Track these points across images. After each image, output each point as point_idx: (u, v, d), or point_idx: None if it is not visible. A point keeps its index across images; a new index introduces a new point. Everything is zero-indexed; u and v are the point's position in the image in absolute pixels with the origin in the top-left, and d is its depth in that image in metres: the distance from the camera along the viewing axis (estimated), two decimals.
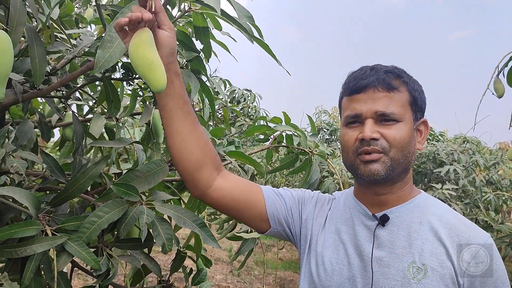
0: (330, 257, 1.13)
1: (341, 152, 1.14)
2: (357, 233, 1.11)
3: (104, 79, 1.41)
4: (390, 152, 1.04)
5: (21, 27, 1.14)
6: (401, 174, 1.08)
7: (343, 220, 1.17)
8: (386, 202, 1.11)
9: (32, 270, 1.12)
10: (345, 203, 1.20)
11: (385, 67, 1.10)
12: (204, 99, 1.53)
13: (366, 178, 1.06)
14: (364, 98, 1.07)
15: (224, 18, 1.13)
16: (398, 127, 1.05)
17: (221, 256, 7.30)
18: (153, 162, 1.32)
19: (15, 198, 1.12)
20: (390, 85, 1.06)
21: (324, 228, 1.19)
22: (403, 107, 1.07)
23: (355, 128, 1.08)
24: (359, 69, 1.13)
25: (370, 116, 1.05)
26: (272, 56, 1.21)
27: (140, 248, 1.36)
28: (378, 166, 1.04)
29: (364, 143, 1.05)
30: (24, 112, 1.50)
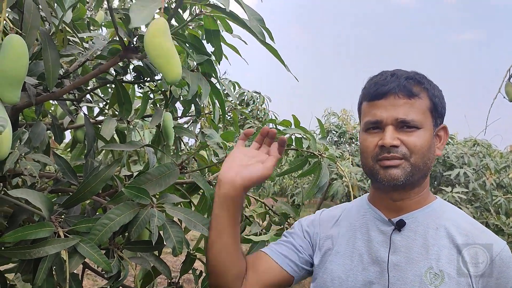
0: (344, 263, 1.12)
1: (360, 157, 1.14)
2: (372, 238, 1.10)
3: (116, 82, 1.42)
4: (411, 158, 1.04)
5: (35, 30, 1.16)
6: (419, 179, 1.08)
7: (356, 227, 1.16)
8: (403, 208, 1.10)
9: (44, 271, 1.13)
10: (359, 210, 1.20)
11: (406, 73, 1.10)
12: (214, 102, 1.54)
13: (385, 183, 1.05)
14: (384, 105, 1.06)
15: (234, 20, 1.14)
16: (419, 134, 1.04)
17: None
18: (164, 165, 1.33)
19: (28, 200, 1.14)
20: (411, 91, 1.05)
21: (336, 238, 1.18)
22: (423, 114, 1.06)
23: (375, 134, 1.08)
24: (379, 74, 1.12)
25: (391, 123, 1.05)
26: (280, 61, 1.21)
27: (151, 250, 1.37)
28: (398, 172, 1.03)
29: (384, 150, 1.04)
30: (37, 114, 1.52)
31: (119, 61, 1.27)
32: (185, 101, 1.72)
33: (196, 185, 1.64)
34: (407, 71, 1.11)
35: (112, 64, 1.27)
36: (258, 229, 1.80)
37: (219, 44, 1.36)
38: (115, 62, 1.27)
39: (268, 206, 1.91)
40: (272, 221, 1.88)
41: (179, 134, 1.70)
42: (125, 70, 1.44)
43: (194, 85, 1.28)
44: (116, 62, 1.27)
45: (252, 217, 1.90)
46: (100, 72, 1.29)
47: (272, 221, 1.88)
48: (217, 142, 1.35)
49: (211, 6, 1.13)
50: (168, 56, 0.95)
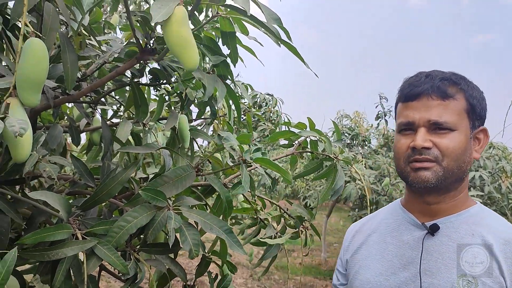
0: (375, 267, 1.12)
1: (393, 158, 1.13)
2: (404, 243, 1.09)
3: (132, 84, 1.43)
4: (443, 162, 1.02)
5: (54, 33, 1.17)
6: (454, 183, 1.06)
7: (388, 231, 1.15)
8: (437, 212, 1.08)
9: (63, 273, 1.13)
10: (391, 214, 1.18)
11: (442, 73, 1.08)
12: (230, 104, 1.53)
13: (416, 185, 1.04)
14: (417, 106, 1.05)
15: (252, 22, 1.13)
16: (452, 136, 1.02)
17: (241, 260, 7.30)
18: (181, 167, 1.33)
19: (47, 202, 1.14)
20: (445, 93, 1.03)
21: (366, 244, 1.18)
22: (458, 115, 1.04)
23: (408, 135, 1.07)
24: (415, 75, 1.11)
25: (423, 125, 1.03)
26: (300, 59, 1.21)
27: (167, 252, 1.37)
28: (429, 174, 1.02)
29: (415, 151, 1.03)
30: (54, 117, 1.53)
31: (136, 63, 1.28)
32: (201, 104, 1.72)
33: (211, 187, 1.64)
34: (444, 71, 1.09)
35: (129, 66, 1.28)
36: (273, 232, 1.79)
37: (235, 46, 1.35)
38: (132, 64, 1.28)
39: (283, 209, 1.91)
40: (287, 224, 1.88)
41: (195, 136, 1.71)
42: (141, 72, 1.45)
43: (210, 87, 1.27)
44: (133, 64, 1.27)
45: (267, 220, 1.89)
46: (117, 74, 1.30)
47: (287, 224, 1.87)
48: (233, 145, 1.34)
49: (230, 7, 1.13)
50: (186, 44, 0.96)
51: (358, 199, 7.04)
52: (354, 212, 7.21)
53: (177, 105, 1.98)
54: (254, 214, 1.92)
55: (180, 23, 0.95)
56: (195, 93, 1.80)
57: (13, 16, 1.08)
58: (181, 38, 0.94)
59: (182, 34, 0.94)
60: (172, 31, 0.94)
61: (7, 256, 0.94)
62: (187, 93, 1.68)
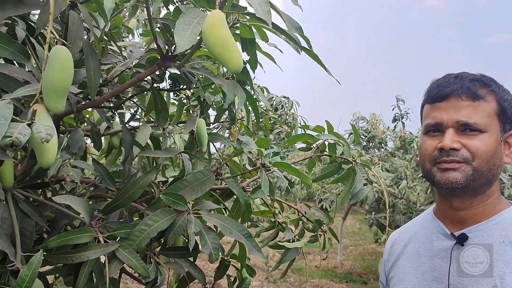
0: (410, 280, 1.10)
1: (419, 161, 1.10)
2: (435, 253, 1.07)
3: (153, 90, 1.45)
4: (473, 162, 0.98)
5: (78, 41, 1.19)
6: (483, 186, 1.02)
7: (421, 242, 1.13)
8: (466, 219, 1.05)
9: (85, 275, 1.16)
10: (424, 223, 1.17)
11: (472, 75, 1.05)
12: (249, 109, 1.54)
13: (443, 186, 1.01)
14: (446, 107, 1.02)
15: (274, 30, 1.14)
16: (482, 138, 0.99)
17: (257, 263, 7.30)
18: (200, 171, 1.34)
19: (70, 206, 1.17)
20: (475, 94, 1.00)
21: (401, 255, 1.16)
22: (488, 117, 1.00)
23: (435, 136, 1.04)
24: (443, 76, 1.08)
25: (451, 126, 1.01)
26: (321, 66, 1.21)
27: (187, 256, 1.38)
28: (457, 175, 0.98)
29: (443, 153, 1.00)
30: (76, 121, 1.56)
31: (157, 70, 1.29)
32: (219, 108, 1.73)
33: (229, 191, 1.66)
34: (473, 73, 1.06)
35: (150, 72, 1.30)
36: (291, 236, 1.79)
37: (255, 52, 1.36)
38: (153, 71, 1.29)
39: (301, 213, 1.91)
40: (305, 227, 1.87)
41: (214, 140, 1.72)
42: (161, 78, 1.47)
43: (230, 93, 1.28)
44: (154, 70, 1.29)
45: (285, 223, 1.89)
46: (139, 80, 1.32)
47: (305, 227, 1.87)
48: (252, 149, 1.35)
49: (251, 15, 1.14)
50: (228, 46, 0.95)
51: (375, 202, 6.99)
52: (371, 215, 7.16)
53: (195, 109, 2.00)
54: (272, 217, 1.92)
55: (219, 24, 0.94)
56: (213, 98, 1.82)
57: (38, 25, 1.11)
58: (222, 39, 0.93)
59: (223, 36, 0.93)
60: (212, 33, 0.93)
61: (33, 259, 0.96)
62: (206, 97, 1.69)
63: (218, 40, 0.94)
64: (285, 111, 4.67)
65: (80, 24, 1.19)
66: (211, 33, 0.94)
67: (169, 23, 1.27)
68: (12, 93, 0.98)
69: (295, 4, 1.12)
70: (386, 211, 2.12)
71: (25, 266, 0.95)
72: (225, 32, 0.95)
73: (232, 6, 1.21)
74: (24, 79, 1.22)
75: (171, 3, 1.58)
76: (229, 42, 0.95)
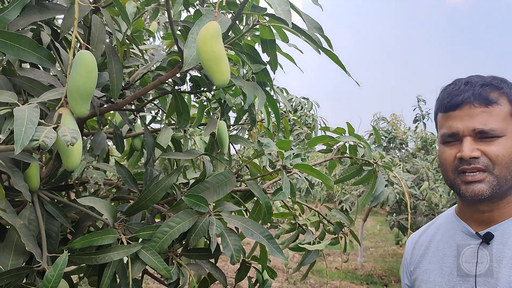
0: (435, 280, 1.10)
1: (441, 170, 1.09)
2: (460, 253, 1.06)
3: (175, 92, 1.46)
4: (494, 170, 0.98)
5: (101, 44, 1.21)
6: (509, 189, 1.02)
7: (445, 242, 1.13)
8: (491, 219, 1.04)
9: (109, 276, 1.17)
10: (447, 224, 1.16)
11: (481, 79, 1.04)
12: (269, 111, 1.54)
13: (469, 199, 1.01)
14: (460, 116, 1.01)
15: (294, 30, 1.14)
16: (501, 142, 0.98)
17: (276, 264, 7.29)
18: (222, 173, 1.35)
19: (94, 207, 1.19)
20: (487, 99, 0.99)
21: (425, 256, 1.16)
22: (504, 120, 0.99)
23: (453, 145, 1.03)
24: (452, 83, 1.07)
25: (468, 134, 1.00)
26: (341, 67, 1.20)
27: (208, 258, 1.39)
28: (483, 186, 0.98)
29: (463, 161, 1.00)
30: (99, 124, 1.58)
31: (179, 72, 1.30)
32: (240, 110, 1.73)
33: (250, 192, 1.66)
34: (482, 76, 1.05)
35: (172, 75, 1.31)
36: (312, 238, 1.78)
37: (275, 53, 1.36)
38: (175, 73, 1.30)
39: (321, 215, 1.90)
40: (326, 230, 1.86)
41: (235, 142, 1.73)
42: (182, 80, 1.48)
43: (250, 95, 1.28)
44: (176, 73, 1.30)
45: (306, 225, 1.88)
46: (160, 82, 1.33)
47: (326, 230, 1.86)
48: (273, 151, 1.35)
49: (271, 16, 1.14)
50: (217, 60, 0.97)
51: (396, 203, 6.91)
52: (392, 217, 7.08)
53: (216, 111, 2.01)
54: (292, 219, 1.92)
55: (213, 39, 0.95)
56: (234, 100, 1.82)
57: (63, 29, 1.13)
58: (213, 54, 0.95)
59: (214, 50, 0.95)
60: (205, 47, 0.95)
61: (59, 259, 0.98)
62: (226, 99, 1.70)
63: (209, 55, 0.96)
64: (304, 112, 4.65)
65: (102, 28, 1.21)
66: (204, 47, 0.96)
67: (190, 26, 1.28)
68: (39, 97, 1.00)
69: (315, 4, 1.11)
70: (408, 213, 2.09)
71: (51, 267, 0.97)
72: (216, 47, 0.96)
73: (252, 8, 1.22)
74: (49, 82, 1.25)
75: (192, 6, 1.59)
76: (220, 57, 0.97)
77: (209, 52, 0.96)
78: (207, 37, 0.96)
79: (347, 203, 8.59)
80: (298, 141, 4.72)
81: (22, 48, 0.98)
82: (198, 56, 0.98)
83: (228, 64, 1.00)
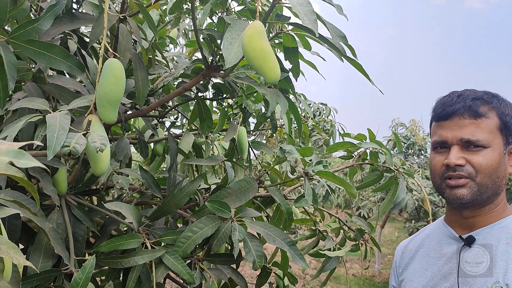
0: (419, 281, 1.17)
1: (430, 176, 1.17)
2: (444, 255, 1.14)
3: (198, 99, 1.48)
4: (477, 178, 1.06)
5: (127, 52, 1.24)
6: (490, 197, 1.09)
7: (431, 246, 1.20)
8: (475, 224, 1.12)
9: (134, 280, 1.19)
10: (434, 230, 1.24)
11: (474, 93, 1.11)
12: (291, 118, 1.55)
13: (452, 202, 1.09)
14: (450, 125, 1.09)
15: (319, 39, 1.15)
16: (485, 153, 1.06)
17: (294, 270, 7.27)
18: (244, 180, 1.36)
19: (120, 212, 1.21)
20: (476, 112, 1.07)
21: (412, 259, 1.23)
22: (491, 133, 1.07)
23: (442, 153, 1.11)
24: (447, 95, 1.15)
25: (456, 143, 1.07)
26: (365, 75, 1.21)
27: (230, 263, 1.40)
28: (464, 191, 1.06)
29: (449, 168, 1.07)
30: (123, 129, 1.61)
31: (202, 79, 1.32)
32: (261, 116, 1.74)
33: (270, 198, 1.67)
34: (476, 91, 1.13)
35: (196, 82, 1.33)
36: (332, 244, 1.78)
37: (297, 61, 1.37)
38: (199, 81, 1.33)
39: (342, 221, 1.89)
40: (346, 236, 1.86)
41: (257, 148, 1.74)
42: (205, 87, 1.50)
43: (273, 102, 1.30)
44: (199, 80, 1.32)
45: (326, 231, 1.88)
46: (184, 90, 1.35)
47: (347, 236, 1.85)
48: (295, 158, 1.36)
49: (297, 25, 1.15)
50: (266, 57, 0.99)
51: (414, 210, 6.83)
52: (411, 224, 7.00)
53: (236, 117, 2.02)
54: (312, 225, 1.92)
55: (259, 37, 0.97)
56: (254, 106, 1.84)
57: (91, 38, 1.16)
58: (261, 51, 0.97)
59: (260, 48, 0.97)
60: (251, 46, 0.98)
61: (87, 263, 1.00)
62: (247, 106, 1.71)
63: (257, 53, 0.97)
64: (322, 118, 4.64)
65: (129, 36, 1.23)
66: (250, 46, 0.98)
67: (214, 34, 1.30)
68: (69, 104, 1.03)
69: (340, 14, 1.12)
70: (428, 220, 2.07)
71: (79, 270, 0.99)
72: (263, 44, 0.98)
73: (276, 16, 1.23)
74: (75, 89, 1.28)
75: (214, 14, 1.61)
76: (267, 54, 0.98)
77: (258, 49, 0.98)
78: (254, 35, 0.98)
79: (364, 209, 8.52)
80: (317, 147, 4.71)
81: (53, 57, 1.01)
82: (246, 55, 0.99)
83: (276, 60, 1.01)
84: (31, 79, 1.20)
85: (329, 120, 4.47)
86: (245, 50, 0.99)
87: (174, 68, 1.46)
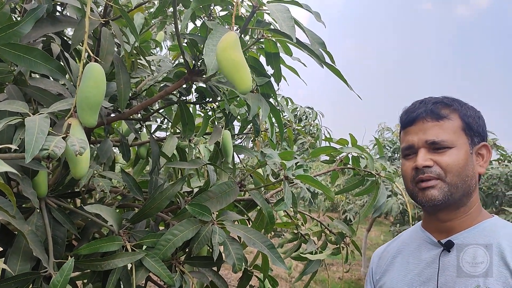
0: (397, 285, 1.18)
1: (403, 182, 1.19)
2: (423, 261, 1.15)
3: (180, 103, 1.49)
4: (446, 178, 1.08)
5: (110, 56, 1.25)
6: (462, 198, 1.11)
7: (410, 252, 1.21)
8: (452, 228, 1.13)
9: (113, 282, 1.19)
10: (412, 236, 1.25)
11: (435, 98, 1.16)
12: (273, 122, 1.57)
13: (425, 204, 1.11)
14: (415, 130, 1.13)
15: (297, 45, 1.17)
16: (451, 153, 1.09)
17: (279, 273, 7.28)
18: (225, 183, 1.37)
19: (101, 215, 1.21)
20: (438, 114, 1.11)
21: (390, 266, 1.24)
22: (455, 133, 1.10)
23: (410, 158, 1.14)
24: (411, 104, 1.19)
25: (422, 146, 1.11)
26: (343, 81, 1.23)
27: (211, 266, 1.41)
28: (435, 192, 1.08)
29: (419, 171, 1.10)
30: (106, 132, 1.61)
31: (184, 83, 1.33)
32: (244, 120, 1.76)
33: (252, 202, 1.68)
34: (436, 97, 1.17)
35: (178, 86, 1.34)
36: (314, 248, 1.80)
37: (279, 66, 1.39)
38: (181, 84, 1.34)
39: (323, 225, 1.91)
40: (328, 239, 1.88)
41: (239, 152, 1.75)
42: (188, 91, 1.51)
43: (254, 106, 1.31)
44: (182, 84, 1.33)
45: (308, 235, 1.90)
46: (167, 93, 1.36)
47: (328, 239, 1.88)
48: (276, 162, 1.37)
49: (276, 31, 1.17)
50: (239, 68, 1.01)
51: (400, 213, 6.89)
52: (395, 227, 7.06)
53: (220, 120, 2.03)
54: (294, 228, 1.93)
55: (232, 48, 1.00)
56: (238, 110, 1.85)
57: (73, 41, 1.17)
58: (233, 62, 1.00)
59: (234, 58, 0.99)
60: (224, 55, 1.00)
61: (65, 265, 1.00)
62: (231, 110, 1.73)
63: (229, 63, 1.00)
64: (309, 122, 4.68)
65: (111, 40, 1.24)
66: (223, 56, 1.00)
67: (196, 39, 1.32)
68: (49, 108, 1.03)
69: (318, 21, 1.14)
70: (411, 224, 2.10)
71: (57, 272, 0.99)
72: (236, 56, 1.00)
73: (257, 23, 1.25)
74: (58, 92, 1.28)
75: (198, 18, 1.63)
76: (239, 65, 1.01)
77: (230, 60, 1.00)
78: (227, 46, 1.01)
79: (351, 212, 8.57)
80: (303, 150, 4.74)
81: (34, 60, 1.02)
82: (219, 65, 1.02)
83: (249, 71, 1.04)
84: (12, 82, 1.20)
85: (315, 124, 4.50)
86: (218, 61, 1.02)
87: (157, 72, 1.47)
